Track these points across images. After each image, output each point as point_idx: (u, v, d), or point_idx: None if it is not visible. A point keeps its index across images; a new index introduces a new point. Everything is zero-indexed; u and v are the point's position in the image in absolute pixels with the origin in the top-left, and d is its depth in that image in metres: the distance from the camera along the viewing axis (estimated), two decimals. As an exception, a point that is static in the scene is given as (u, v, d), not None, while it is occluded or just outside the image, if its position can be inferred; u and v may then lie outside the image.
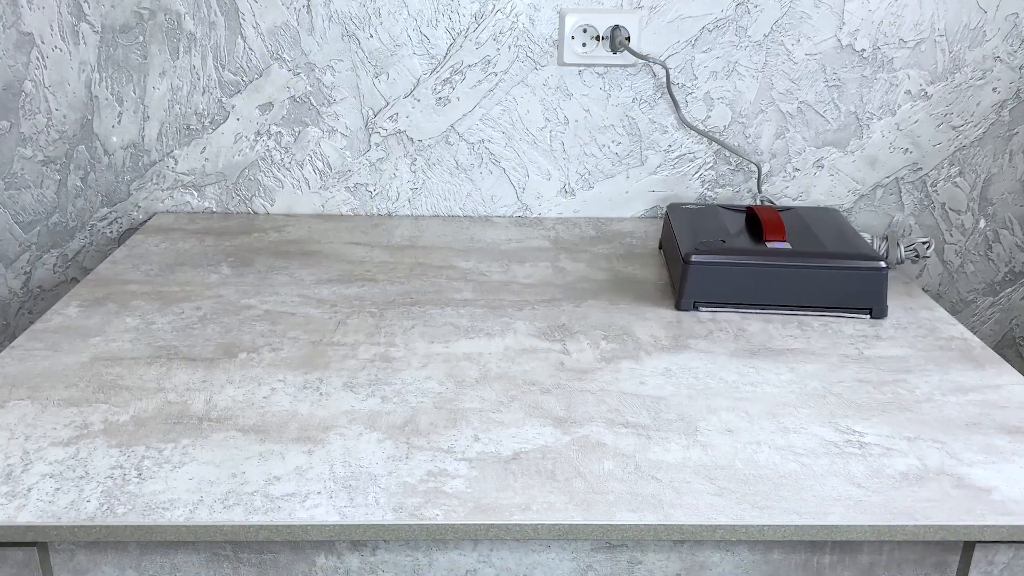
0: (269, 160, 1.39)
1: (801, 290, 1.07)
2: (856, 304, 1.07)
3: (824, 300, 1.08)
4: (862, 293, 1.07)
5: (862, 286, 1.07)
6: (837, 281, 1.07)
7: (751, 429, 0.85)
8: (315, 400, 0.88)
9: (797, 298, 1.08)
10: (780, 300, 1.08)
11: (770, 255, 1.08)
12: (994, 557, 0.76)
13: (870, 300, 1.07)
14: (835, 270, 1.07)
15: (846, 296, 1.07)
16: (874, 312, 1.07)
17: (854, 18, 1.34)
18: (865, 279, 1.06)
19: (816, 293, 1.07)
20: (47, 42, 1.32)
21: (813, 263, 1.07)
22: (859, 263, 1.07)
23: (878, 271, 1.06)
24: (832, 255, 1.08)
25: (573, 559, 0.77)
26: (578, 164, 1.40)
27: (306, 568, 0.76)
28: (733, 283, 1.08)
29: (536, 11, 1.32)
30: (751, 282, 1.08)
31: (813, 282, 1.07)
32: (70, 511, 0.72)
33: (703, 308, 1.09)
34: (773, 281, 1.07)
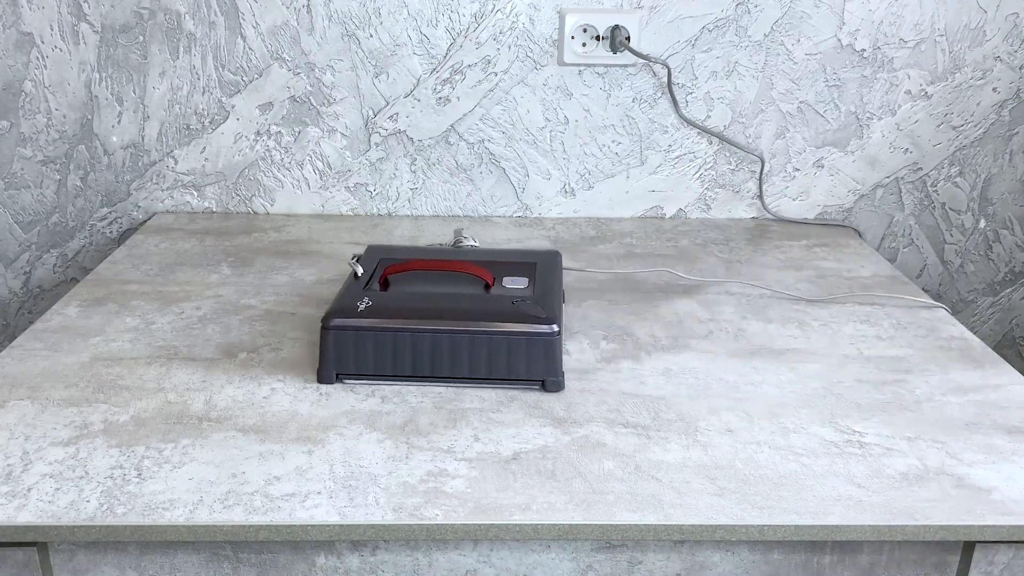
0: (269, 160, 1.39)
1: (461, 360, 0.90)
2: (525, 375, 0.90)
3: (487, 371, 0.90)
4: (531, 363, 0.89)
5: (529, 354, 0.89)
6: (501, 349, 0.89)
7: (751, 429, 0.85)
8: (315, 400, 0.88)
9: (457, 369, 0.90)
10: (437, 372, 0.90)
11: (417, 318, 0.90)
12: (994, 557, 0.76)
13: (541, 370, 0.90)
14: (497, 337, 0.89)
15: (512, 367, 0.90)
16: (547, 384, 0.90)
17: (854, 18, 1.34)
18: (531, 347, 0.89)
19: (479, 363, 0.90)
20: (47, 42, 1.32)
21: (466, 328, 0.89)
22: (527, 327, 0.89)
23: (549, 337, 0.89)
24: (496, 317, 0.90)
25: (573, 559, 0.77)
26: (578, 164, 1.40)
27: (306, 568, 0.76)
28: (377, 352, 0.90)
29: (536, 11, 1.32)
30: (397, 351, 0.90)
31: (471, 351, 0.89)
32: (70, 511, 0.72)
33: (348, 380, 0.91)
34: (424, 350, 0.90)
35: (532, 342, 0.89)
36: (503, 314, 0.90)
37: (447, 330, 0.89)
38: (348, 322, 0.89)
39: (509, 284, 0.98)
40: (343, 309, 0.90)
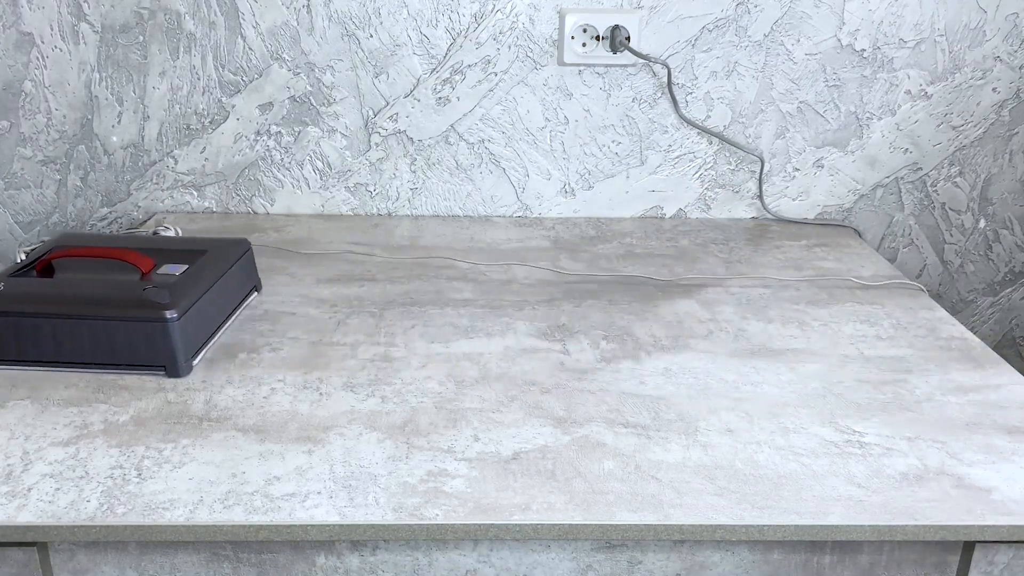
0: (269, 160, 1.39)
1: (84, 346, 0.91)
2: (148, 360, 0.91)
3: (113, 357, 0.91)
4: (151, 348, 0.91)
5: (147, 340, 0.90)
6: (120, 335, 0.90)
7: (751, 429, 0.85)
8: (315, 400, 0.88)
9: (82, 355, 0.91)
10: (62, 357, 0.92)
11: (41, 303, 0.91)
12: (994, 557, 0.76)
13: (161, 356, 0.91)
14: (114, 323, 0.90)
15: (134, 352, 0.91)
16: (168, 369, 0.91)
17: (854, 18, 1.34)
18: (149, 332, 0.90)
19: (102, 349, 0.91)
20: (47, 42, 1.32)
21: (83, 314, 0.90)
22: (143, 313, 0.90)
23: (165, 323, 0.89)
24: (119, 304, 0.91)
25: (573, 559, 0.77)
26: (578, 164, 1.40)
27: (306, 568, 0.76)
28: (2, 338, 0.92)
29: (536, 11, 1.32)
30: (21, 337, 0.91)
31: (91, 337, 0.91)
32: (70, 511, 0.72)
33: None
34: (49, 334, 0.91)
35: (150, 328, 0.90)
36: (127, 301, 0.91)
37: (64, 315, 0.91)
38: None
39: (164, 271, 1.00)
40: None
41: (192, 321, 0.93)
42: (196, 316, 0.94)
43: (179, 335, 0.90)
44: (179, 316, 0.90)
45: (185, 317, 0.91)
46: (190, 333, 0.93)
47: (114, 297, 0.92)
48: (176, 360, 0.91)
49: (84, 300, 0.92)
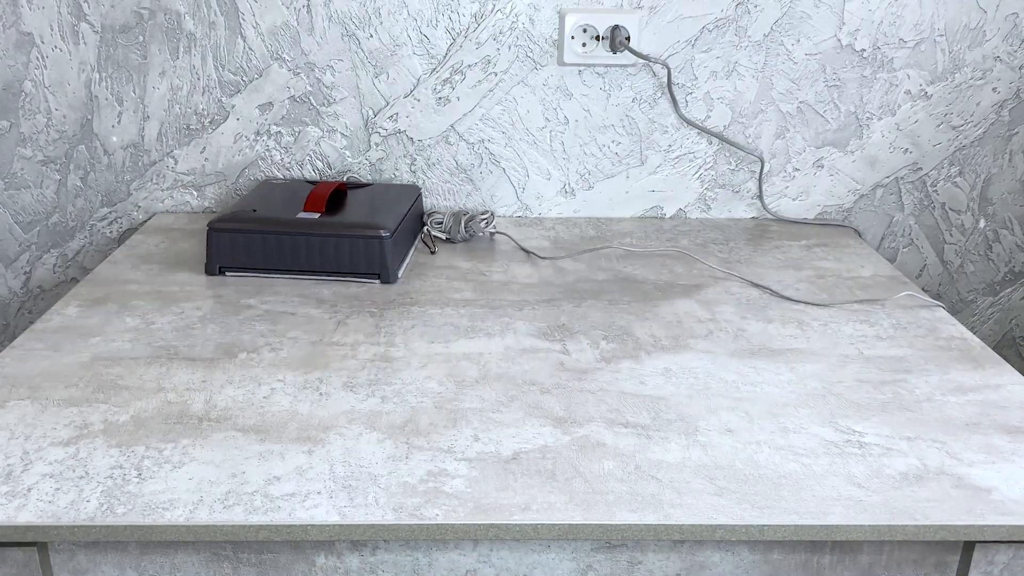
0: (269, 160, 1.39)
1: (314, 257, 1.15)
2: (366, 270, 1.15)
3: (337, 266, 1.15)
4: (368, 260, 1.15)
5: (367, 254, 1.14)
6: (344, 249, 1.15)
7: (751, 429, 0.85)
8: (315, 400, 0.88)
9: (312, 264, 1.16)
10: (297, 266, 1.16)
11: (288, 225, 1.15)
12: (994, 557, 0.76)
13: (376, 266, 1.15)
14: (342, 238, 1.14)
15: (355, 262, 1.15)
16: (382, 277, 1.15)
17: (854, 18, 1.34)
18: (368, 247, 1.14)
19: (329, 260, 1.15)
20: (47, 42, 1.32)
21: (321, 232, 1.15)
22: (364, 232, 1.14)
23: (379, 240, 1.14)
24: (344, 226, 1.15)
25: (573, 559, 0.77)
26: (578, 164, 1.40)
27: (306, 568, 0.76)
28: (252, 250, 1.16)
29: (536, 11, 1.32)
30: (268, 249, 1.15)
31: (324, 250, 1.15)
32: (70, 511, 0.72)
33: (229, 273, 1.17)
34: (287, 248, 1.15)
35: (368, 244, 1.15)
36: (349, 224, 1.16)
37: (305, 234, 1.15)
38: (227, 225, 1.16)
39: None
40: (225, 217, 1.17)
41: (398, 239, 1.19)
42: (400, 235, 1.20)
43: (390, 249, 1.15)
44: (389, 234, 1.15)
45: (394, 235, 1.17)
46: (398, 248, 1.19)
47: (340, 223, 1.16)
48: (387, 269, 1.15)
49: (314, 225, 1.16)
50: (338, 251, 1.15)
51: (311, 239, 1.14)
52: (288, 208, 1.20)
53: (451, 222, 1.31)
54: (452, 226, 1.30)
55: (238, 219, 1.16)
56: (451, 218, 1.31)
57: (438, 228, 1.32)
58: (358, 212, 1.20)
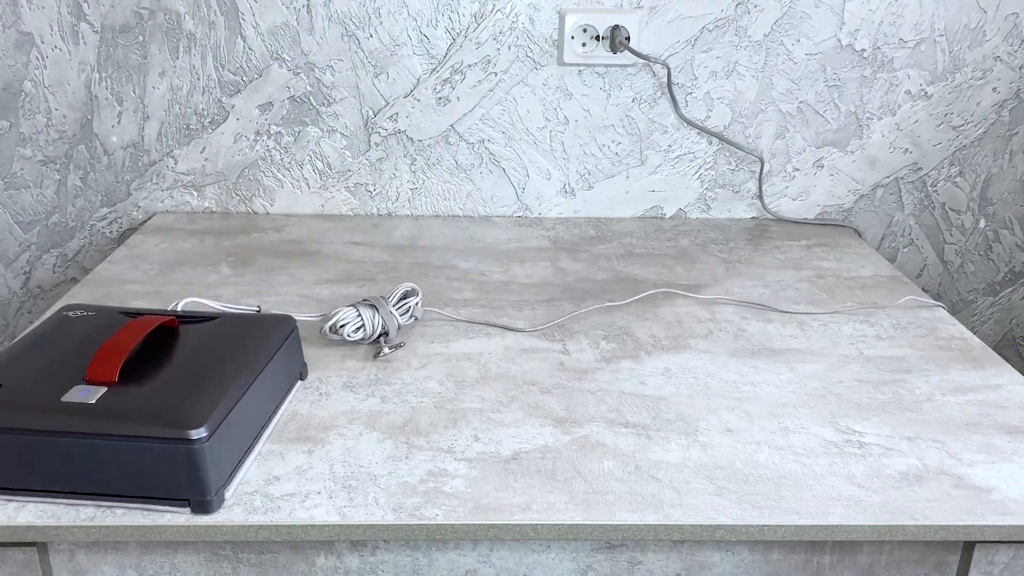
0: (269, 160, 1.39)
1: (84, 473, 0.71)
2: (164, 493, 0.71)
3: (121, 488, 0.71)
4: (168, 478, 0.70)
5: (167, 466, 0.69)
6: (129, 460, 0.70)
7: (751, 429, 0.85)
8: (315, 400, 0.88)
9: (80, 483, 0.71)
10: (62, 486, 0.71)
11: (53, 413, 0.71)
12: (994, 557, 0.76)
13: (184, 486, 0.70)
14: (125, 441, 0.69)
15: (148, 482, 0.70)
16: (194, 505, 0.71)
17: (854, 18, 1.34)
18: (168, 458, 0.69)
19: (103, 477, 0.71)
20: (47, 42, 1.32)
21: (88, 429, 0.70)
22: (161, 432, 0.69)
23: (186, 445, 0.68)
24: (130, 416, 0.70)
25: (573, 559, 0.77)
26: (578, 164, 1.40)
27: (306, 568, 0.76)
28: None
29: (536, 11, 1.32)
30: (7, 460, 0.71)
31: (97, 461, 0.70)
32: (70, 511, 0.72)
33: None
34: (42, 458, 0.70)
35: (168, 453, 0.69)
36: (142, 412, 0.71)
37: (60, 432, 0.70)
38: None
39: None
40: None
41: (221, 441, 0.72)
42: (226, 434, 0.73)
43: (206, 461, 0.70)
44: (208, 434, 0.70)
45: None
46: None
47: (126, 409, 0.72)
48: (204, 494, 0.71)
49: (88, 414, 0.72)
50: (119, 463, 0.70)
51: (74, 442, 0.70)
52: (60, 377, 0.75)
53: (371, 317, 0.96)
54: (373, 321, 0.97)
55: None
56: (365, 312, 0.96)
57: (358, 335, 0.97)
58: (168, 381, 0.75)
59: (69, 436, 0.70)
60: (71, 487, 0.71)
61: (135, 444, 0.69)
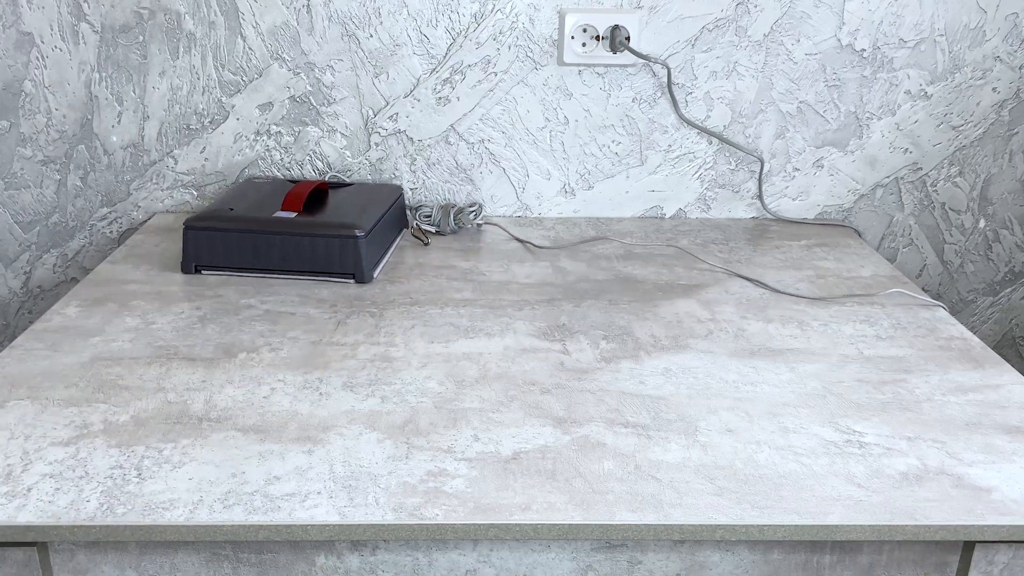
0: (269, 160, 1.39)
1: (289, 256, 1.15)
2: (340, 269, 1.15)
3: (312, 265, 1.15)
4: (342, 260, 1.14)
5: (341, 253, 1.14)
6: (319, 249, 1.14)
7: (751, 429, 0.85)
8: (315, 400, 0.88)
9: (288, 263, 1.15)
10: (273, 265, 1.15)
11: (264, 224, 1.15)
12: (994, 557, 0.76)
13: (351, 266, 1.14)
14: (317, 238, 1.14)
15: (330, 262, 1.14)
16: (356, 276, 1.14)
17: (854, 18, 1.34)
18: (342, 248, 1.14)
19: (304, 259, 1.14)
20: (47, 42, 1.32)
21: (295, 231, 1.14)
22: (339, 232, 1.14)
23: (353, 239, 1.13)
24: (319, 225, 1.15)
25: (573, 559, 0.77)
26: (578, 164, 1.40)
27: (306, 568, 0.76)
28: (228, 248, 1.15)
29: (536, 11, 1.32)
30: (244, 247, 1.15)
31: (299, 249, 1.14)
32: (70, 511, 0.72)
33: (205, 271, 1.17)
34: (263, 247, 1.14)
35: (343, 244, 1.14)
36: (325, 224, 1.16)
37: (280, 233, 1.15)
38: (203, 223, 1.16)
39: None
40: (201, 215, 1.18)
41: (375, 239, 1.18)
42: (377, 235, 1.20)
43: (364, 248, 1.14)
44: (364, 234, 1.14)
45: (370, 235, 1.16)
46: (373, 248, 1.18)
47: (315, 222, 1.16)
48: (362, 269, 1.14)
49: (289, 224, 1.16)
50: (313, 250, 1.14)
51: (286, 238, 1.14)
52: (266, 207, 1.20)
53: (439, 215, 1.32)
54: (441, 219, 1.32)
55: (214, 217, 1.16)
56: (439, 211, 1.33)
57: (426, 221, 1.33)
58: (335, 212, 1.20)
59: (283, 235, 1.14)
60: (282, 266, 1.15)
61: (325, 240, 1.14)
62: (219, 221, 1.16)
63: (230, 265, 1.16)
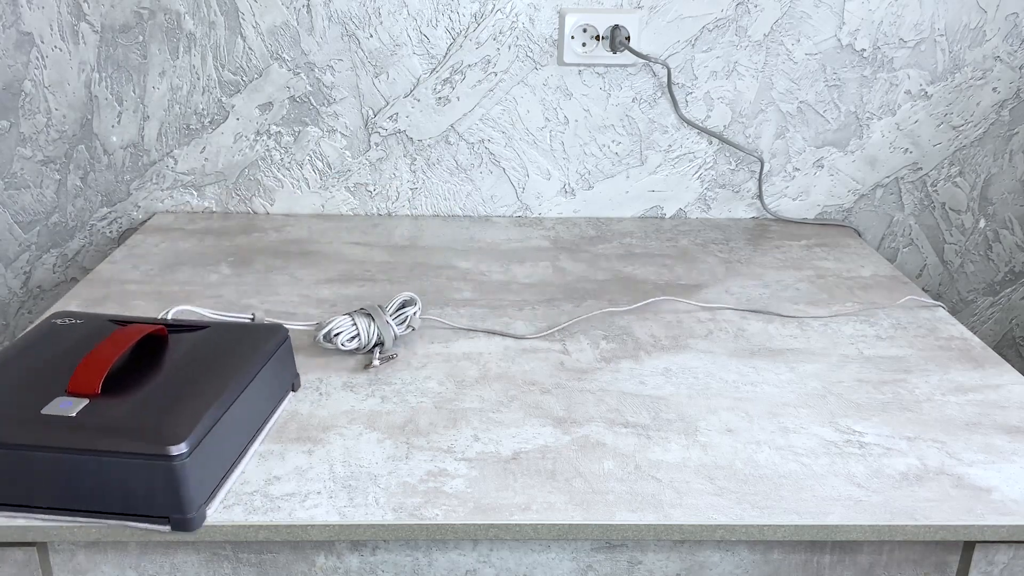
0: (269, 160, 1.39)
1: (66, 486, 0.69)
2: (145, 510, 0.69)
3: (98, 503, 0.69)
4: (148, 494, 0.68)
5: (145, 484, 0.68)
6: (109, 476, 0.68)
7: (751, 429, 0.85)
8: (315, 400, 0.88)
9: (60, 498, 0.70)
10: (40, 501, 0.70)
11: (31, 426, 0.70)
12: (994, 557, 0.76)
13: (161, 504, 0.68)
14: (105, 457, 0.67)
15: (127, 498, 0.69)
16: (173, 523, 0.69)
17: (854, 18, 1.34)
18: (148, 473, 0.67)
19: (81, 493, 0.69)
20: (47, 42, 1.32)
21: (68, 446, 0.68)
22: (140, 448, 0.67)
23: (165, 461, 0.67)
24: (111, 431, 0.69)
25: (573, 559, 0.77)
26: (578, 164, 1.40)
27: (306, 568, 0.76)
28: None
29: (536, 11, 1.32)
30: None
31: (73, 476, 0.69)
32: (70, 511, 0.71)
33: None
34: (23, 473, 0.69)
35: (147, 468, 0.68)
36: (115, 427, 0.70)
37: (40, 447, 0.69)
38: None
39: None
40: None
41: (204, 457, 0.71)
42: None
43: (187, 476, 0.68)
44: (189, 449, 0.68)
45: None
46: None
47: (104, 424, 0.71)
48: (183, 510, 0.69)
49: (68, 427, 0.71)
50: (100, 478, 0.68)
51: (56, 457, 0.68)
52: (43, 388, 0.74)
53: (366, 327, 0.95)
54: (369, 330, 0.95)
55: None
56: (361, 321, 0.95)
57: (353, 344, 0.95)
58: (152, 394, 0.74)
59: (47, 451, 0.68)
60: (50, 502, 0.70)
61: (114, 460, 0.67)
62: None
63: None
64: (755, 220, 1.43)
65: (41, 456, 0.68)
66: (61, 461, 0.68)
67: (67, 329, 0.84)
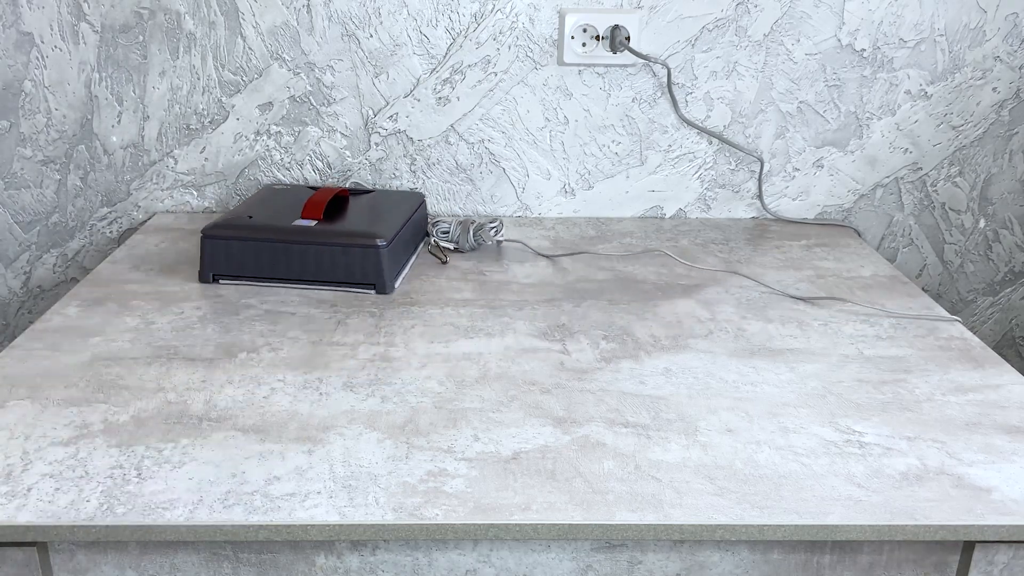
0: (269, 160, 1.39)
1: (309, 266, 1.12)
2: (361, 279, 1.12)
3: (332, 275, 1.12)
4: (363, 270, 1.12)
5: (362, 263, 1.11)
6: (339, 259, 1.12)
7: (751, 429, 0.85)
8: (315, 400, 0.88)
9: (307, 273, 1.13)
10: (292, 274, 1.13)
11: (282, 233, 1.13)
12: (994, 557, 0.76)
13: (372, 276, 1.12)
14: (337, 247, 1.11)
15: (351, 272, 1.12)
16: (377, 287, 1.12)
17: (854, 18, 1.34)
18: (363, 257, 1.11)
19: (324, 269, 1.12)
20: (47, 42, 1.32)
21: (315, 240, 1.12)
22: (360, 241, 1.11)
23: (375, 249, 1.11)
24: (340, 234, 1.12)
25: (573, 559, 0.77)
26: (578, 164, 1.40)
27: (306, 568, 0.76)
28: (246, 257, 1.13)
29: (536, 11, 1.32)
30: (262, 257, 1.13)
31: (319, 258, 1.12)
32: (70, 511, 0.72)
33: (222, 280, 1.14)
34: (282, 257, 1.12)
35: (363, 254, 1.12)
36: (345, 233, 1.14)
37: (300, 242, 1.12)
38: (221, 232, 1.14)
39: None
40: (219, 224, 1.15)
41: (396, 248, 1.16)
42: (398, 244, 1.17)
43: (385, 259, 1.12)
44: (386, 244, 1.12)
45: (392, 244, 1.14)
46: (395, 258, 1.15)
47: (336, 231, 1.14)
48: (383, 279, 1.12)
49: (309, 233, 1.13)
50: (333, 260, 1.11)
51: (306, 248, 1.11)
52: (285, 215, 1.17)
53: (458, 231, 1.26)
54: (460, 235, 1.26)
55: (232, 226, 1.14)
56: (458, 227, 1.27)
57: (444, 238, 1.27)
58: (356, 220, 1.17)
59: (304, 244, 1.12)
60: (301, 276, 1.13)
61: (346, 249, 1.12)
62: (237, 230, 1.13)
63: (248, 275, 1.14)
64: (755, 220, 1.43)
65: (299, 249, 1.12)
66: (309, 251, 1.12)
67: (281, 191, 1.29)
